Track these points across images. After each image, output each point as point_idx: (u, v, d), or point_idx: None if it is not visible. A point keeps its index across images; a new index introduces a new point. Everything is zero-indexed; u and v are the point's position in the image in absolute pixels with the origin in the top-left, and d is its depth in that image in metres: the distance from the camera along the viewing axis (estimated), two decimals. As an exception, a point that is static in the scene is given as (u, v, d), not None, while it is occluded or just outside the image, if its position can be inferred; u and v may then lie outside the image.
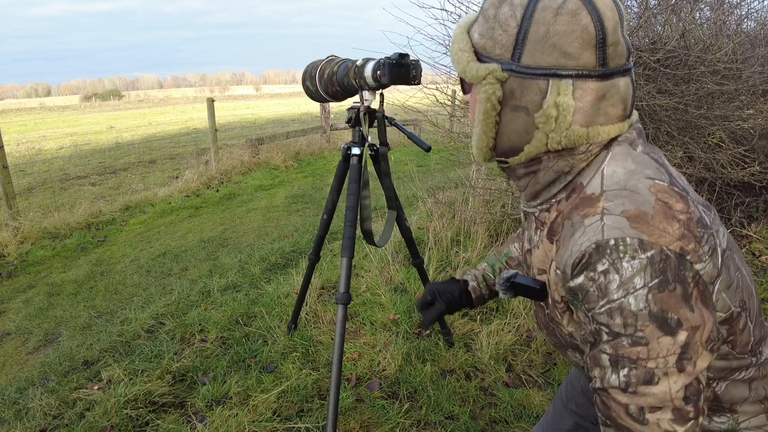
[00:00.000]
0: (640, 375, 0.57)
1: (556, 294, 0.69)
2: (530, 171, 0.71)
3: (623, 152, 0.65)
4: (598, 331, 0.60)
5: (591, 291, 0.59)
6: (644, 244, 0.56)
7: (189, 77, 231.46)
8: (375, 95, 1.62)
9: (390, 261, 2.91)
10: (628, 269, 0.56)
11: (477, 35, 0.67)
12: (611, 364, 0.59)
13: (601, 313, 0.58)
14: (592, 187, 0.64)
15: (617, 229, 0.58)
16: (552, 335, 0.78)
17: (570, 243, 0.62)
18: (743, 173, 2.67)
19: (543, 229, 0.72)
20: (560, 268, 0.64)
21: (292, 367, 2.05)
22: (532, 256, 0.76)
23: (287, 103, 27.14)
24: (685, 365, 0.57)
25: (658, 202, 0.59)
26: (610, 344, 0.59)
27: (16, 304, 3.15)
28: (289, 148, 7.91)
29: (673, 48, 2.39)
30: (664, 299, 0.56)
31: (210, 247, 3.95)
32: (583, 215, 0.62)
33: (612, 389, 0.60)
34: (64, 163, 9.05)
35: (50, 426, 1.81)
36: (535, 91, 0.63)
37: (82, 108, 34.57)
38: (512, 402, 1.85)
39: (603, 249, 0.57)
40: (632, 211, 0.58)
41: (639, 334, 0.56)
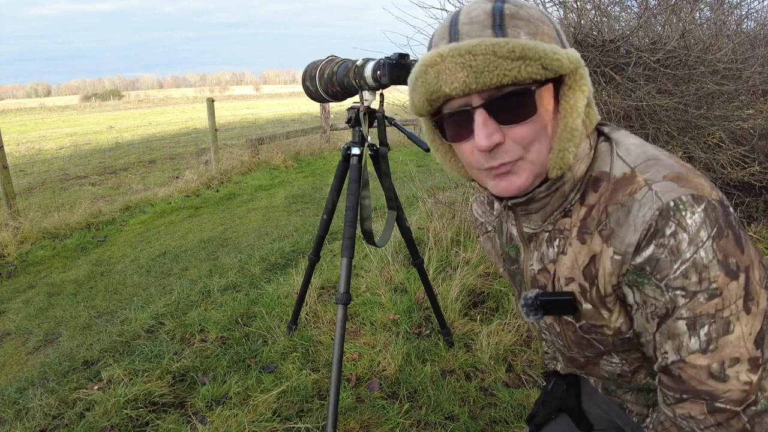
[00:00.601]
0: (720, 327, 0.59)
1: (607, 287, 0.67)
2: (553, 189, 0.68)
3: (621, 134, 0.69)
4: (674, 299, 0.60)
5: (663, 258, 0.60)
6: (696, 198, 0.59)
7: (189, 77, 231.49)
8: (375, 95, 1.62)
9: (390, 261, 2.91)
10: (693, 225, 0.58)
11: (526, 36, 0.61)
12: (688, 328, 0.60)
13: (676, 276, 0.59)
14: (617, 169, 0.65)
15: (670, 191, 0.59)
16: (586, 348, 0.76)
17: (630, 220, 0.62)
18: (743, 173, 2.67)
19: (566, 236, 0.71)
20: (620, 251, 0.63)
21: (292, 367, 2.05)
22: (554, 269, 0.74)
23: (287, 103, 27.15)
24: (750, 306, 0.59)
25: (679, 164, 0.63)
26: (686, 307, 0.60)
27: (16, 304, 3.15)
28: (289, 148, 7.91)
29: (673, 48, 2.39)
30: (724, 246, 0.58)
31: (210, 247, 3.95)
32: (629, 193, 0.63)
33: (691, 355, 0.61)
34: (64, 163, 9.05)
35: (50, 426, 1.81)
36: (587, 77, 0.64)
37: (82, 108, 34.60)
38: (512, 402, 1.85)
39: (666, 212, 0.59)
40: (671, 173, 0.61)
41: (713, 286, 0.58)
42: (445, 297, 2.46)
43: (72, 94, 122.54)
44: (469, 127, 0.62)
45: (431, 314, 2.37)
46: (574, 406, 0.97)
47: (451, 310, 2.38)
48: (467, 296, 2.51)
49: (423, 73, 0.62)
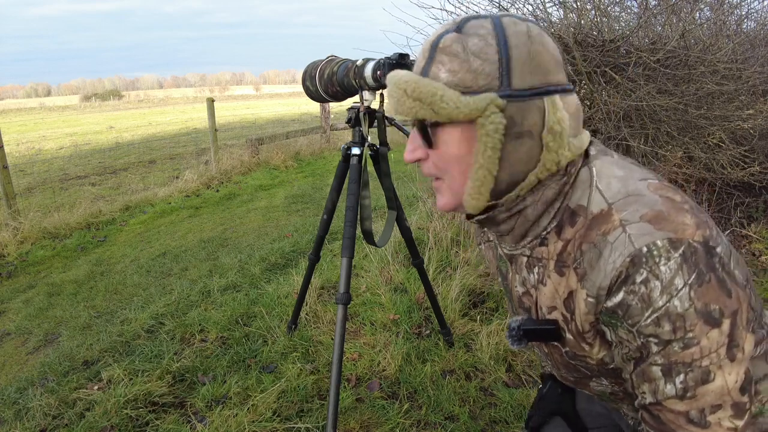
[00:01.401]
0: (697, 376, 0.56)
1: (585, 324, 0.66)
2: (516, 212, 0.68)
3: (604, 163, 0.66)
4: (646, 345, 0.58)
5: (633, 305, 0.57)
6: (673, 242, 0.56)
7: (189, 77, 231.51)
8: (375, 95, 1.62)
9: (390, 261, 2.91)
10: (667, 272, 0.55)
11: (445, 74, 0.62)
12: (664, 374, 0.58)
13: (647, 324, 0.57)
14: (595, 204, 0.63)
15: (645, 235, 0.57)
16: (573, 371, 0.76)
17: (600, 264, 0.60)
18: (743, 173, 2.67)
19: (545, 265, 0.70)
20: (591, 294, 0.62)
21: (292, 367, 2.05)
22: (535, 296, 0.73)
23: (287, 103, 27.15)
24: (735, 353, 0.56)
25: (663, 198, 0.59)
26: (660, 354, 0.57)
27: (16, 304, 3.15)
28: (289, 148, 7.91)
29: (673, 48, 2.39)
30: (704, 292, 0.55)
31: (210, 247, 3.95)
32: (602, 233, 0.60)
33: (668, 400, 0.59)
34: (64, 163, 9.05)
35: (50, 426, 1.81)
36: (535, 112, 0.62)
37: (82, 108, 34.60)
38: (512, 402, 1.85)
39: (638, 259, 0.56)
40: (649, 213, 0.58)
41: (689, 335, 0.55)
42: (445, 297, 2.46)
43: (72, 94, 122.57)
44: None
45: (431, 314, 2.37)
46: (568, 409, 0.96)
47: (451, 310, 2.38)
48: (467, 296, 2.51)
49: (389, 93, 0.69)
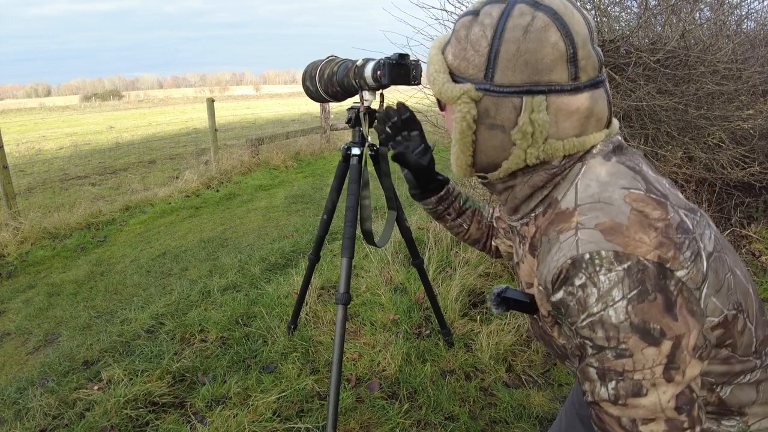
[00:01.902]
0: (628, 387, 0.57)
1: (543, 309, 0.69)
2: (508, 186, 0.72)
3: (597, 164, 0.66)
4: (583, 345, 0.60)
5: (571, 305, 0.59)
6: (620, 255, 0.56)
7: (189, 77, 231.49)
8: (375, 95, 1.62)
9: (390, 261, 2.91)
10: (605, 282, 0.56)
11: (451, 56, 0.69)
12: (599, 377, 0.59)
13: (583, 327, 0.59)
14: (566, 201, 0.65)
15: (591, 243, 0.57)
16: (548, 346, 0.79)
17: (548, 259, 0.62)
18: (743, 173, 2.67)
19: (525, 244, 0.74)
20: (542, 284, 0.65)
21: (292, 367, 2.05)
22: (520, 270, 0.77)
23: (287, 103, 27.14)
24: (673, 375, 0.56)
25: (634, 211, 0.59)
26: (595, 357, 0.59)
27: (16, 304, 3.15)
28: (289, 148, 7.91)
29: (673, 48, 2.39)
30: (645, 310, 0.55)
31: (210, 247, 3.95)
32: (558, 231, 0.62)
33: (603, 402, 0.60)
34: (64, 163, 9.05)
35: (50, 426, 1.81)
36: (509, 109, 0.64)
37: (82, 108, 34.59)
38: (512, 402, 1.85)
39: (579, 263, 0.57)
40: (607, 223, 0.58)
41: (622, 347, 0.56)
42: (445, 297, 2.46)
43: (72, 94, 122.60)
44: None
45: (431, 314, 2.37)
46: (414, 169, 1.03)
47: (451, 310, 2.38)
48: (467, 296, 2.51)
49: None
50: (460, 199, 1.07)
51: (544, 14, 0.61)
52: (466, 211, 1.08)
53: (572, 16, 0.62)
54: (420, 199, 1.07)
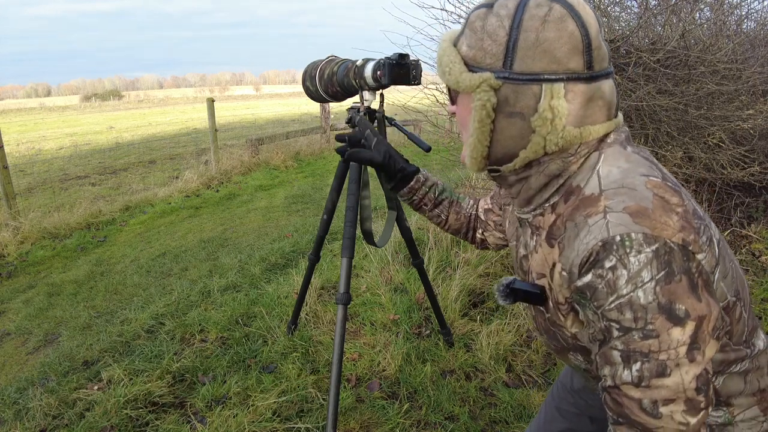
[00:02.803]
0: (653, 368, 0.58)
1: (560, 296, 0.69)
2: (521, 177, 0.72)
3: (615, 153, 0.68)
4: (608, 328, 0.60)
5: (600, 288, 0.60)
6: (648, 237, 0.57)
7: (189, 77, 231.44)
8: (375, 95, 1.62)
9: (390, 261, 2.91)
10: (635, 263, 0.57)
11: (465, 47, 0.69)
12: (623, 360, 0.60)
13: (611, 309, 0.59)
14: (590, 187, 0.66)
15: (621, 225, 0.59)
16: (553, 339, 0.79)
17: (576, 243, 0.63)
18: (743, 173, 2.67)
19: (540, 234, 0.73)
20: (566, 269, 0.65)
21: (292, 367, 2.05)
22: (530, 261, 0.77)
23: (287, 103, 27.14)
24: (695, 355, 0.58)
25: (656, 197, 0.61)
26: (620, 340, 0.59)
27: (16, 304, 3.15)
28: (289, 148, 7.91)
29: (673, 48, 2.39)
30: (672, 290, 0.57)
31: (210, 247, 3.95)
32: (585, 215, 0.63)
33: (624, 385, 0.60)
34: (64, 163, 9.05)
35: (50, 426, 1.81)
36: (529, 96, 0.65)
37: (82, 108, 34.58)
38: (512, 402, 1.85)
39: (609, 245, 0.58)
40: (633, 206, 0.60)
41: (649, 327, 0.57)
42: (445, 297, 2.46)
43: (72, 94, 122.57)
44: None
45: (431, 314, 2.37)
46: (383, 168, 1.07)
47: (451, 310, 2.38)
48: (467, 296, 2.51)
49: None
50: (435, 190, 1.09)
51: (560, 6, 0.64)
52: (443, 201, 1.09)
53: (584, 8, 0.65)
54: (395, 191, 1.09)
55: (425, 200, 1.09)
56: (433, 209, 1.10)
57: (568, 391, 1.08)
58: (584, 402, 1.05)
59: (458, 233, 1.13)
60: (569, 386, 1.08)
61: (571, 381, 1.08)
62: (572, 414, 1.07)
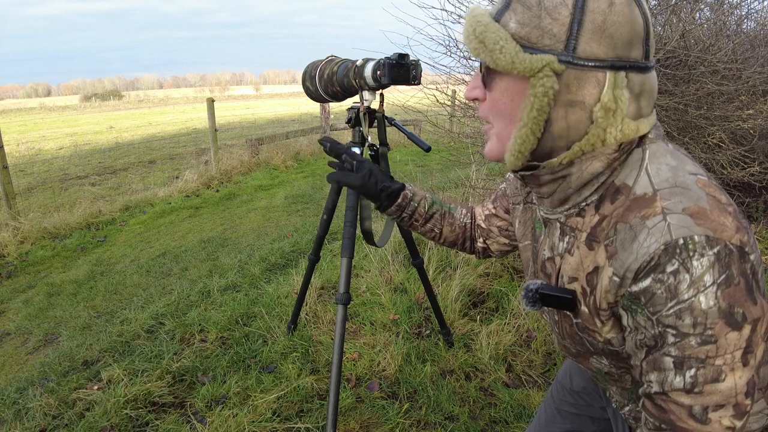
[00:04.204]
0: (708, 374, 0.56)
1: (603, 302, 0.65)
2: (560, 176, 0.67)
3: (660, 149, 0.64)
4: (663, 334, 0.58)
5: (658, 293, 0.57)
6: (710, 240, 0.55)
7: (189, 77, 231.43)
8: (375, 95, 1.62)
9: (390, 261, 2.91)
10: (698, 267, 0.55)
11: (515, 24, 0.61)
12: (675, 366, 0.58)
13: (669, 315, 0.57)
14: (641, 187, 0.62)
15: (684, 227, 0.56)
16: (577, 344, 0.76)
17: (634, 246, 0.59)
18: (743, 173, 2.67)
19: (576, 236, 0.69)
20: (618, 274, 0.61)
21: (292, 367, 2.05)
22: (560, 264, 0.72)
23: (287, 103, 27.14)
24: (749, 359, 0.56)
25: (708, 196, 0.59)
26: (676, 346, 0.57)
27: (16, 304, 3.15)
28: (289, 148, 7.91)
29: (673, 48, 2.39)
30: (731, 294, 0.55)
31: (210, 247, 3.95)
32: (642, 217, 0.60)
33: (674, 392, 0.59)
34: (64, 163, 9.05)
35: (50, 426, 1.81)
36: (593, 84, 0.60)
37: (82, 108, 34.58)
38: (512, 402, 1.85)
39: (672, 249, 0.56)
40: (692, 207, 0.57)
41: (708, 332, 0.55)
42: (445, 297, 2.46)
43: (72, 94, 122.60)
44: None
45: (431, 314, 2.37)
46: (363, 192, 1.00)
47: (451, 310, 2.38)
48: (467, 296, 2.51)
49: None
50: (424, 204, 1.03)
51: None
52: (434, 215, 1.04)
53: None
54: (382, 210, 1.03)
55: (415, 216, 1.03)
56: (425, 224, 1.04)
57: (568, 391, 1.08)
58: (585, 402, 1.05)
59: (454, 245, 1.08)
60: (569, 387, 1.08)
61: (571, 382, 1.08)
62: (572, 415, 1.07)
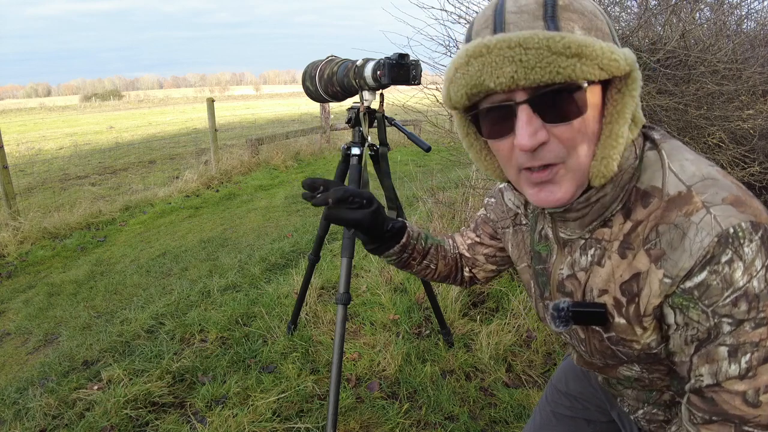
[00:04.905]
0: (762, 356, 0.57)
1: (648, 307, 0.64)
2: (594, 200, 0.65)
3: (674, 146, 0.65)
4: (718, 325, 0.58)
5: (714, 284, 0.57)
6: (755, 225, 0.56)
7: (189, 77, 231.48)
8: (375, 95, 1.62)
9: (390, 261, 2.91)
10: (749, 253, 0.56)
11: (580, 30, 0.57)
12: (730, 355, 0.58)
13: (725, 304, 0.57)
14: (672, 186, 0.62)
15: (730, 216, 0.57)
16: (609, 357, 0.75)
17: (686, 244, 0.59)
18: (743, 173, 2.67)
19: (605, 246, 0.68)
20: (670, 275, 0.60)
21: (292, 367, 2.05)
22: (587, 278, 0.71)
23: (287, 103, 27.14)
24: None
25: (734, 184, 0.60)
26: (731, 334, 0.57)
27: (16, 304, 3.15)
28: (289, 148, 7.91)
29: (673, 48, 2.39)
30: None
31: (210, 247, 3.95)
32: (685, 214, 0.59)
33: (728, 381, 0.59)
34: (64, 163, 9.05)
35: (50, 426, 1.81)
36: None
37: (82, 108, 34.60)
38: (512, 402, 1.85)
39: (725, 239, 0.56)
40: (730, 197, 0.58)
41: (761, 315, 0.56)
42: (445, 297, 2.46)
43: (72, 94, 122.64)
44: (509, 124, 0.59)
45: (431, 314, 2.37)
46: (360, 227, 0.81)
47: (451, 310, 2.38)
48: (467, 296, 2.51)
49: (465, 64, 0.58)
50: (421, 241, 0.94)
51: None
52: (430, 249, 0.96)
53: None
54: (380, 253, 0.90)
55: (414, 255, 0.93)
56: (422, 261, 0.95)
57: (564, 395, 1.07)
58: (581, 406, 1.05)
59: (447, 279, 1.01)
60: (564, 390, 1.07)
61: (567, 385, 1.07)
62: (568, 418, 1.06)
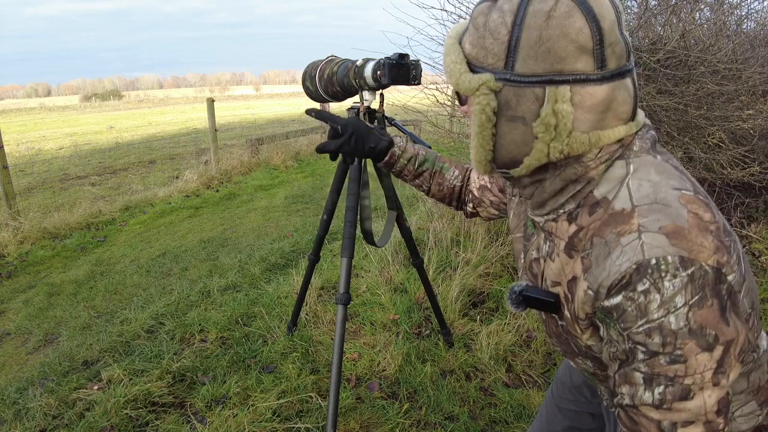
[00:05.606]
0: (676, 392, 0.57)
1: (580, 312, 0.66)
2: (536, 180, 0.68)
3: (644, 163, 0.63)
4: (633, 350, 0.58)
5: (629, 311, 0.57)
6: (685, 261, 0.55)
7: (189, 77, 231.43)
8: (375, 95, 1.62)
9: (390, 261, 2.91)
10: (670, 288, 0.55)
11: (468, 45, 0.65)
12: (645, 382, 0.58)
13: (638, 332, 0.57)
14: (620, 201, 0.61)
15: (658, 247, 0.55)
16: (564, 344, 0.77)
17: (607, 263, 0.59)
18: (743, 173, 2.67)
19: (555, 242, 0.70)
20: (593, 288, 0.62)
21: (292, 367, 2.05)
22: (543, 267, 0.73)
23: (287, 103, 27.13)
24: (719, 379, 0.56)
25: (690, 214, 0.58)
26: (645, 363, 0.58)
27: (16, 304, 3.15)
28: (289, 148, 7.91)
29: (673, 48, 2.40)
30: (703, 316, 0.55)
31: (210, 247, 3.95)
32: (617, 233, 0.59)
33: (644, 406, 0.59)
34: (64, 163, 9.05)
35: (50, 426, 1.81)
36: (531, 100, 0.60)
37: (82, 108, 34.57)
38: (512, 402, 1.85)
39: (644, 269, 0.55)
40: (669, 226, 0.56)
41: (678, 353, 0.55)
42: (445, 297, 2.46)
43: (72, 94, 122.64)
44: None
45: (431, 314, 2.37)
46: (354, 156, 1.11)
47: (451, 310, 2.38)
48: (467, 296, 2.51)
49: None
50: (414, 161, 1.10)
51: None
52: (423, 173, 1.11)
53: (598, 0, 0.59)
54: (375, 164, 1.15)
55: (404, 172, 1.11)
56: (413, 180, 1.13)
57: (567, 388, 1.08)
58: (584, 398, 1.05)
59: (442, 201, 1.15)
60: (568, 383, 1.08)
61: (570, 378, 1.08)
62: (573, 412, 1.07)
